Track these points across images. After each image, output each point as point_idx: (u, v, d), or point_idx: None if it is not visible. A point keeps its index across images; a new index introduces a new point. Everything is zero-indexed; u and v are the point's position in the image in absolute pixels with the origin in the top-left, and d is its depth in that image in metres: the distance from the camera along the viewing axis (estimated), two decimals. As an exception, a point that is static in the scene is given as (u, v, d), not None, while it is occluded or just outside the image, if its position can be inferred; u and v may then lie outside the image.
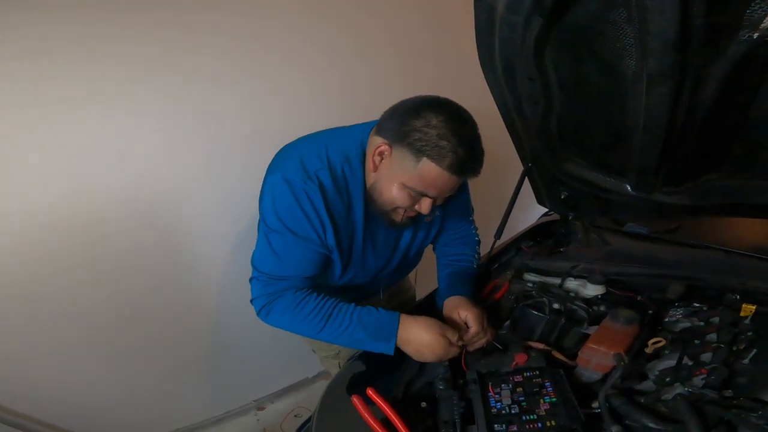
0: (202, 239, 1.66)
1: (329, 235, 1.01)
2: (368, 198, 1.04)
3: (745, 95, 0.82)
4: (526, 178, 1.31)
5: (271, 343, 1.94)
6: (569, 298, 1.10)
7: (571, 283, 1.19)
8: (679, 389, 0.84)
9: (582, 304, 1.09)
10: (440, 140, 0.90)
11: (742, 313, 0.98)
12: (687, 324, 1.04)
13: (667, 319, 1.07)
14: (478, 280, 1.21)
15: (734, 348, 0.90)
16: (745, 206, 1.03)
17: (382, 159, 0.98)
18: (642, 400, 0.84)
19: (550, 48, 0.90)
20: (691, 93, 0.81)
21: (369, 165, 1.00)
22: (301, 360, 2.01)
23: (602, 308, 1.09)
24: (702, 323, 1.01)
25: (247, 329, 1.85)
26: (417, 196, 0.98)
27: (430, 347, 0.95)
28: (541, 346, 1.01)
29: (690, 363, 0.89)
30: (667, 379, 0.86)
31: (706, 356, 0.92)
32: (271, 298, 1.02)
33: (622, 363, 0.87)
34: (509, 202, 1.22)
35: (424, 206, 1.00)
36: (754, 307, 0.97)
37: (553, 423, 0.80)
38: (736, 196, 1.03)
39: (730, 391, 0.81)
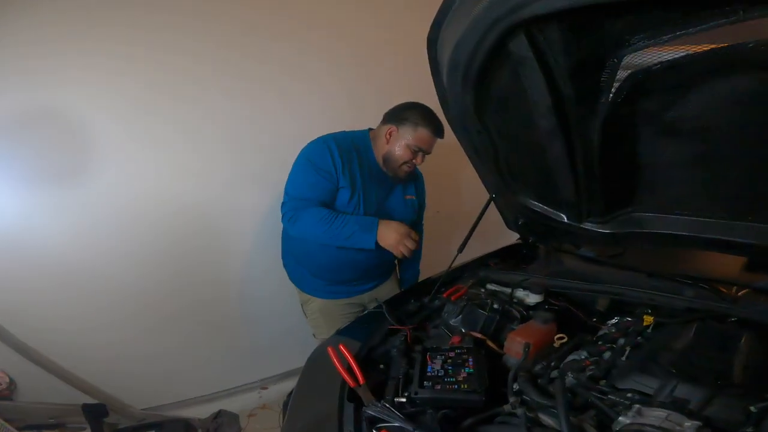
0: (230, 239, 2.05)
1: (340, 173, 1.55)
2: (382, 161, 1.64)
3: (626, 144, 1.01)
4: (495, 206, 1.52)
5: (278, 331, 2.20)
6: (508, 302, 1.29)
7: (520, 293, 1.37)
8: (569, 377, 1.00)
9: (518, 307, 1.27)
10: (423, 119, 1.57)
11: (644, 323, 1.12)
12: (605, 331, 1.19)
13: (603, 329, 1.22)
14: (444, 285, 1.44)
15: (626, 349, 1.04)
16: (654, 235, 1.18)
17: (391, 136, 1.60)
18: (539, 381, 1.01)
19: (487, 110, 1.14)
20: (581, 143, 1.02)
21: (382, 142, 1.62)
22: (303, 349, 2.00)
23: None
24: (613, 330, 1.16)
25: (260, 320, 2.18)
26: (415, 151, 1.59)
27: (395, 237, 1.51)
28: (478, 335, 1.21)
29: (583, 357, 1.05)
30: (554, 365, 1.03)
31: (607, 354, 1.08)
32: (297, 211, 1.55)
33: (527, 350, 1.05)
34: (473, 224, 1.43)
35: (419, 159, 1.63)
36: (652, 319, 1.11)
37: (466, 386, 1.00)
38: (647, 226, 1.19)
39: (605, 381, 0.95)
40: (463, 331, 1.24)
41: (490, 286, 1.45)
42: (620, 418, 0.80)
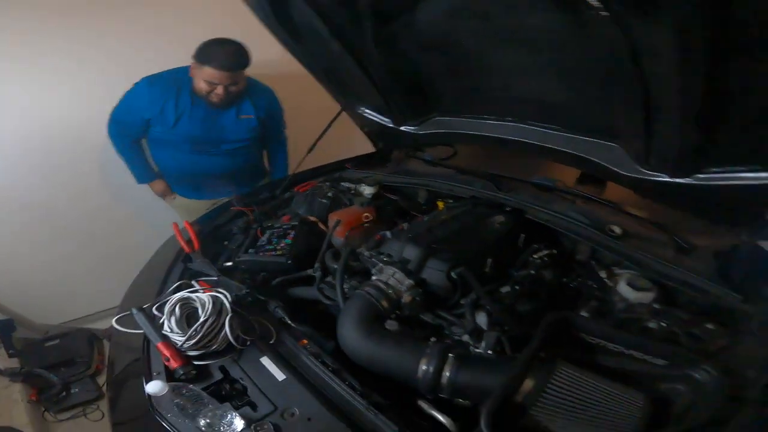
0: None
1: (158, 108, 1.81)
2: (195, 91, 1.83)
3: (401, 58, 1.20)
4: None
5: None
6: (341, 191, 1.52)
7: (361, 187, 1.60)
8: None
9: (349, 195, 1.51)
10: (209, 56, 1.69)
11: (439, 208, 1.39)
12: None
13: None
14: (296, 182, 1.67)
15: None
16: (458, 135, 1.42)
17: (193, 71, 1.76)
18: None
19: (298, 37, 1.27)
20: (367, 60, 1.20)
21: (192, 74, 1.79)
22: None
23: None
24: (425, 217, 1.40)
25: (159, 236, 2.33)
26: (210, 85, 1.74)
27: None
28: (312, 218, 1.44)
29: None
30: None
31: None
32: (112, 134, 1.95)
33: (336, 224, 1.30)
34: (323, 130, 1.61)
35: (220, 90, 1.75)
36: (443, 204, 1.38)
37: (279, 252, 1.25)
38: (451, 127, 1.42)
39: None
40: (300, 214, 1.47)
41: (343, 184, 1.67)
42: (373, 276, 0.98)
